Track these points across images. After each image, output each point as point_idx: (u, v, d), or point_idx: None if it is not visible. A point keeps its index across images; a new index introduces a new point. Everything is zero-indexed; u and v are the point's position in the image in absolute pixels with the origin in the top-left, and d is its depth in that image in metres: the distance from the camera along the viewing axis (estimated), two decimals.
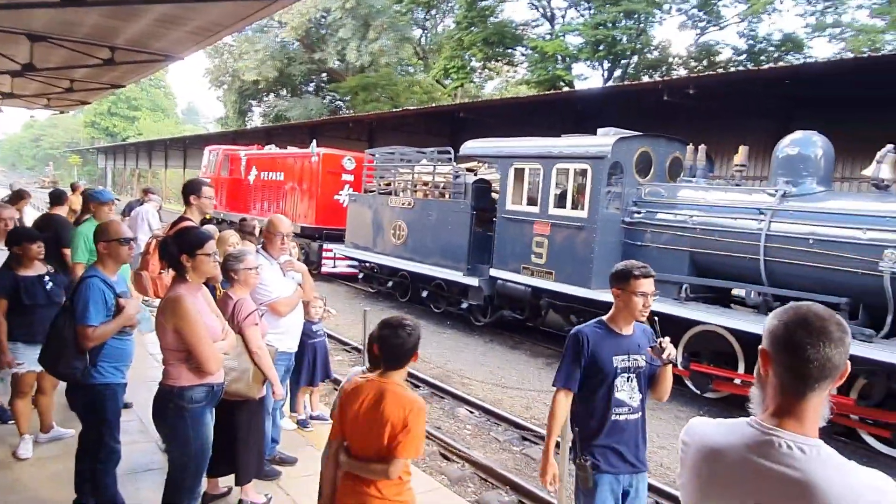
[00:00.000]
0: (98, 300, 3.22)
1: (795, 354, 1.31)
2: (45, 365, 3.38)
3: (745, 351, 7.43)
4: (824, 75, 11.94)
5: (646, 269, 2.92)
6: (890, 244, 6.38)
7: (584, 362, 2.96)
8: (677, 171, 9.43)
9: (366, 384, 2.55)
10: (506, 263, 10.15)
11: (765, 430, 1.34)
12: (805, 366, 1.31)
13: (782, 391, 1.35)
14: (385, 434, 2.45)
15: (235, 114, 45.74)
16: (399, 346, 2.51)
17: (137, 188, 45.30)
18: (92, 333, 3.19)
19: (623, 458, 2.97)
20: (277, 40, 37.36)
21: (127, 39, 6.89)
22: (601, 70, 26.41)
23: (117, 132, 64.73)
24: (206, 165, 22.01)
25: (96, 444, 3.36)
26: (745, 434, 1.37)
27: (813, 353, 1.30)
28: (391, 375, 2.56)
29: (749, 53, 23.88)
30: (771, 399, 1.38)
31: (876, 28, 21.33)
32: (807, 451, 1.29)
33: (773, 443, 1.31)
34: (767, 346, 1.38)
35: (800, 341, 1.31)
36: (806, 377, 1.32)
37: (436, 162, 12.14)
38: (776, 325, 1.37)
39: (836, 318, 1.34)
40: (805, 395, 1.33)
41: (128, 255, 3.44)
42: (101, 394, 3.31)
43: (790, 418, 1.34)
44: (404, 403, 2.48)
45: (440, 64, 29.64)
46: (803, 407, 1.34)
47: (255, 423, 3.76)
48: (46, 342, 3.32)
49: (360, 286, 15.05)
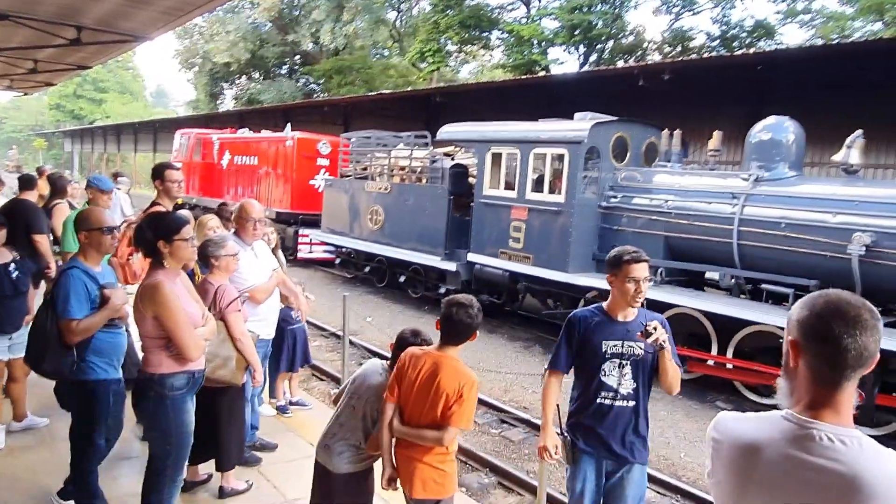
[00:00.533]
0: (79, 292, 3.07)
1: (832, 345, 1.29)
2: (29, 363, 3.24)
3: (718, 332, 7.59)
4: (796, 61, 12.13)
5: (637, 255, 2.89)
6: (858, 227, 6.54)
7: (574, 346, 3.01)
8: (653, 156, 9.53)
9: (424, 356, 2.74)
10: (483, 248, 10.18)
11: (803, 423, 1.32)
12: (842, 355, 1.29)
13: (817, 382, 1.33)
14: (440, 404, 2.64)
15: (207, 97, 44.87)
16: (467, 324, 2.70)
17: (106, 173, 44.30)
18: (76, 327, 3.04)
19: (603, 442, 2.95)
20: (249, 21, 36.65)
21: (94, 19, 6.69)
22: (577, 55, 26.47)
23: (84, 115, 63.05)
24: (178, 149, 21.58)
25: (82, 440, 3.27)
26: (783, 428, 1.34)
27: (850, 343, 1.28)
28: (448, 350, 2.74)
29: (722, 39, 24.14)
30: (804, 391, 1.35)
31: (845, 15, 21.69)
32: (848, 443, 1.27)
33: (814, 436, 1.29)
34: (799, 337, 1.35)
35: (836, 331, 1.28)
36: (842, 367, 1.30)
37: (412, 146, 12.07)
38: (807, 315, 1.34)
39: (867, 304, 1.33)
40: (841, 385, 1.31)
41: (110, 244, 3.30)
42: (93, 391, 3.18)
43: (827, 409, 1.32)
44: (460, 377, 2.67)
45: (416, 47, 29.41)
46: (839, 397, 1.32)
47: (236, 410, 3.74)
48: (29, 339, 3.20)
49: (337, 272, 14.97)
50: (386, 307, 11.78)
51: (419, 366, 2.72)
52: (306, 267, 15.74)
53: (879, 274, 6.48)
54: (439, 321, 2.76)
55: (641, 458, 3.00)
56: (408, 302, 12.17)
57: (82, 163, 59.46)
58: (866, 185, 7.12)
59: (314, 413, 5.47)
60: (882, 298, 7.19)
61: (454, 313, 2.69)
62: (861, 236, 6.44)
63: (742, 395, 7.59)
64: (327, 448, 2.92)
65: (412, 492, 2.78)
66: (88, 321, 3.09)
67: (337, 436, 2.91)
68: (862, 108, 11.56)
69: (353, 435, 2.86)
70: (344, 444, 2.87)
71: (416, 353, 2.79)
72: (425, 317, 11.18)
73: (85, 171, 57.34)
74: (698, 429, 6.66)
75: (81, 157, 59.72)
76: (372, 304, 11.94)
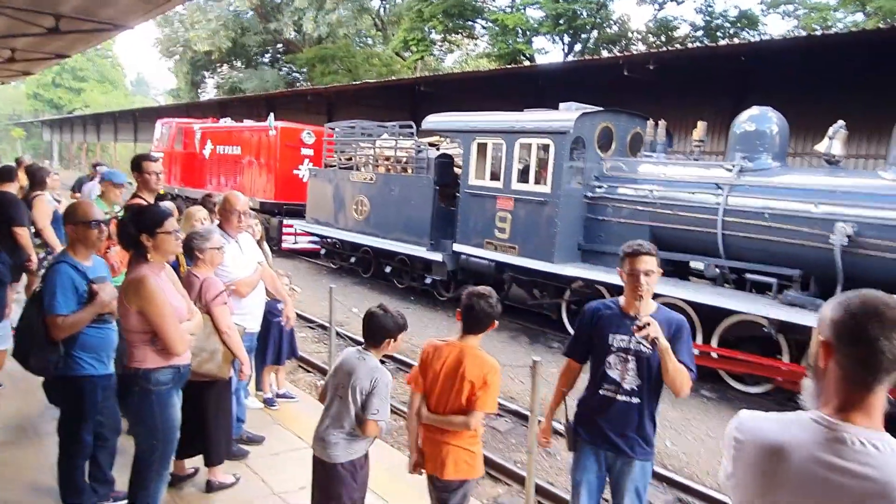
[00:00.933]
0: (66, 287, 3.02)
1: (868, 347, 1.25)
2: (17, 359, 3.18)
3: (703, 322, 7.66)
4: (778, 52, 12.22)
5: (638, 247, 2.87)
6: (840, 217, 6.62)
7: (584, 336, 3.09)
8: (638, 147, 9.56)
9: (447, 346, 2.91)
10: (469, 238, 10.18)
11: (833, 425, 1.28)
12: (877, 358, 1.25)
13: (848, 384, 1.29)
14: (465, 391, 2.81)
15: (188, 85, 44.21)
16: (488, 314, 2.87)
17: (86, 163, 43.63)
18: (62, 323, 2.99)
19: (603, 434, 2.96)
20: (231, 9, 36.09)
21: (72, 7, 6.56)
22: (561, 44, 26.40)
23: (63, 104, 61.96)
24: (159, 139, 21.29)
25: (69, 437, 3.22)
26: (812, 430, 1.30)
27: (887, 346, 1.24)
28: (469, 339, 2.92)
29: (706, 29, 24.19)
30: (834, 393, 1.31)
31: (827, 6, 21.85)
32: (881, 448, 1.24)
33: (845, 440, 1.26)
34: (831, 338, 1.31)
35: (873, 333, 1.24)
36: (878, 370, 1.26)
37: (397, 136, 12.01)
38: (842, 316, 1.30)
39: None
40: (874, 389, 1.28)
41: (97, 238, 3.22)
42: (80, 386, 3.13)
43: (858, 413, 1.28)
44: (484, 364, 2.86)
45: (400, 36, 29.16)
46: (871, 400, 1.28)
47: (223, 404, 3.71)
48: (16, 335, 3.15)
49: (322, 262, 14.89)
50: (372, 298, 11.75)
51: (443, 356, 2.89)
52: (291, 258, 15.65)
53: (861, 263, 6.57)
54: (460, 312, 2.93)
55: (643, 454, 2.97)
56: (394, 292, 12.15)
57: (62, 153, 58.48)
58: (848, 176, 7.19)
59: (301, 405, 5.46)
60: (864, 287, 7.29)
61: (476, 304, 2.87)
62: (843, 226, 6.51)
63: (727, 383, 7.68)
64: (322, 440, 2.92)
65: (444, 473, 2.93)
66: (75, 317, 3.03)
67: (329, 427, 2.91)
68: (844, 99, 11.68)
69: (346, 423, 2.86)
70: (338, 434, 2.88)
71: (438, 344, 2.96)
72: (411, 307, 11.17)
73: (64, 161, 56.44)
74: (683, 417, 6.73)
75: (61, 146, 58.73)
76: (358, 294, 11.90)
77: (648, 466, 3.04)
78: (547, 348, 9.04)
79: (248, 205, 4.42)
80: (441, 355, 2.90)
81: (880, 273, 6.56)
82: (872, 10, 18.48)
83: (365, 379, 2.82)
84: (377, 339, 2.92)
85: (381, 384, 2.80)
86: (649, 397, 2.95)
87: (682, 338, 2.87)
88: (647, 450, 2.99)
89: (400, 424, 6.00)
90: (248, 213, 4.37)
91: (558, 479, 5.23)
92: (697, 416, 6.82)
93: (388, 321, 2.91)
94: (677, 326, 2.88)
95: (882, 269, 6.50)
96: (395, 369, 7.75)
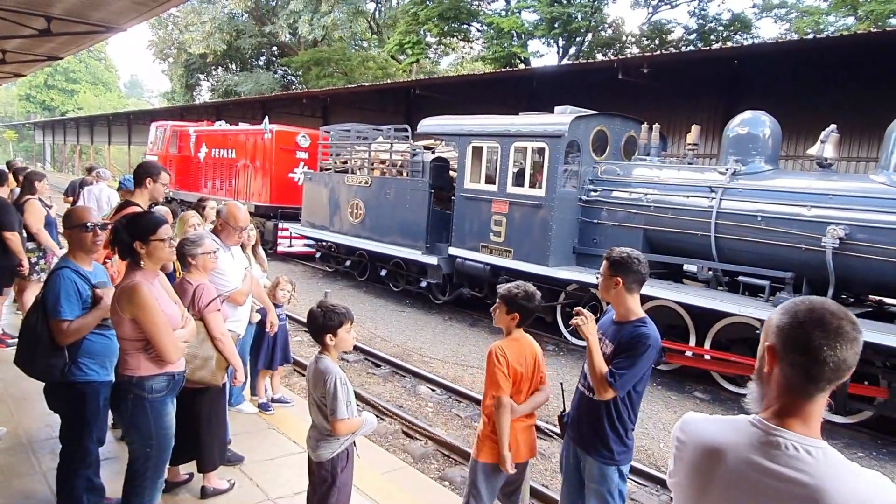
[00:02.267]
0: (70, 292, 3.01)
1: (811, 356, 1.24)
2: (20, 365, 3.15)
3: (696, 324, 7.69)
4: (771, 56, 12.29)
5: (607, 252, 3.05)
6: (832, 220, 6.66)
7: None
8: (632, 150, 9.60)
9: (516, 343, 3.17)
10: (464, 242, 10.19)
11: (769, 429, 1.28)
12: (820, 367, 1.24)
13: (789, 390, 1.29)
14: (537, 373, 3.20)
15: (182, 88, 44.14)
16: (534, 308, 3.19)
17: (80, 165, 43.45)
18: (67, 328, 2.97)
19: (572, 428, 3.15)
20: (225, 11, 36.04)
21: (64, 9, 6.55)
22: (556, 48, 26.49)
23: (55, 106, 61.75)
24: (153, 142, 21.22)
25: (71, 443, 3.20)
26: (748, 433, 1.31)
27: (829, 356, 1.23)
28: (521, 330, 3.23)
29: (699, 33, 24.31)
30: (775, 398, 1.31)
31: (819, 10, 21.99)
32: (814, 454, 1.24)
33: (780, 444, 1.26)
34: (776, 344, 1.30)
35: (816, 342, 1.24)
36: (818, 378, 1.26)
37: (393, 140, 12.02)
38: (788, 322, 1.29)
39: (849, 315, 1.28)
40: (813, 396, 1.28)
41: (93, 242, 3.19)
42: (82, 392, 3.11)
43: (795, 419, 1.28)
44: (533, 346, 3.24)
45: (395, 39, 29.16)
46: (810, 408, 1.28)
47: (216, 410, 3.70)
48: (20, 341, 3.13)
49: (318, 265, 14.88)
50: (367, 301, 11.75)
51: (522, 353, 3.15)
52: (286, 261, 15.63)
53: (853, 266, 6.62)
54: (507, 310, 3.15)
55: (600, 457, 2.97)
56: (389, 296, 12.15)
57: (54, 155, 58.25)
58: (840, 179, 7.24)
59: (296, 410, 5.44)
60: (855, 289, 7.36)
61: (525, 302, 3.13)
62: (835, 229, 6.56)
63: (719, 385, 7.71)
64: (308, 441, 3.01)
65: (530, 454, 3.25)
66: (80, 322, 3.03)
67: (311, 428, 3.01)
68: (836, 102, 11.77)
69: (320, 424, 2.91)
70: (318, 434, 2.95)
71: (505, 344, 3.14)
72: (406, 310, 11.18)
73: (57, 164, 56.20)
74: (677, 419, 6.73)
75: (54, 149, 58.50)
76: (353, 298, 11.90)
77: (609, 472, 2.98)
78: (542, 351, 9.05)
79: (249, 219, 4.41)
80: (521, 352, 3.15)
81: (871, 275, 6.62)
82: (864, 14, 18.59)
83: (319, 382, 2.86)
84: (318, 339, 2.91)
85: (336, 385, 2.80)
86: (614, 400, 2.93)
87: (631, 351, 2.85)
88: (604, 453, 2.96)
89: (396, 428, 6.00)
90: (247, 229, 4.41)
91: (553, 482, 5.23)
92: None
93: (317, 318, 2.88)
94: (633, 341, 2.86)
95: (873, 271, 6.55)
96: (389, 373, 7.75)
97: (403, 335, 9.53)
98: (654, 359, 2.90)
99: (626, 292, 2.92)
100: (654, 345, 2.85)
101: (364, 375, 7.69)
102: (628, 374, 2.84)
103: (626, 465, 3.05)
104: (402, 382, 7.50)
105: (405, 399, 6.97)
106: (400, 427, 6.03)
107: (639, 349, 2.83)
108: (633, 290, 2.93)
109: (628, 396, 2.94)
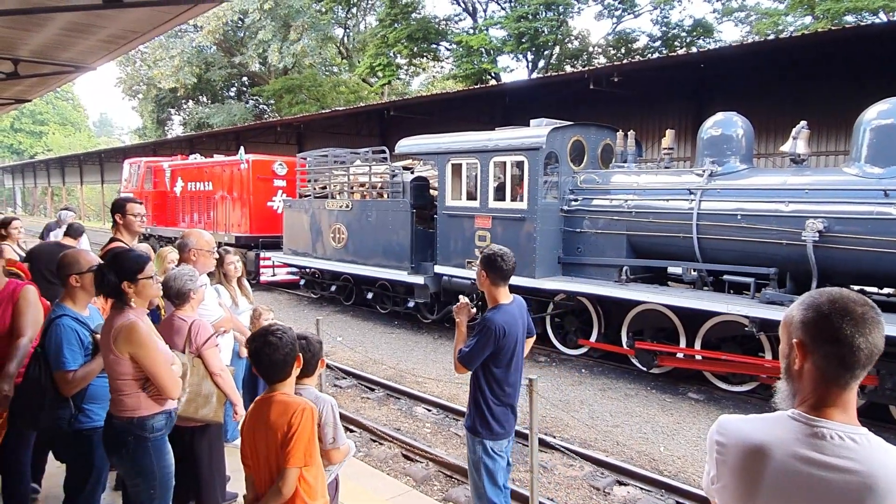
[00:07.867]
0: (72, 340, 2.94)
1: (844, 345, 1.28)
2: (24, 422, 3.06)
3: (685, 326, 7.75)
4: (735, 57, 12.57)
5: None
6: (810, 214, 6.79)
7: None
8: (609, 158, 9.71)
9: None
10: (450, 259, 10.19)
11: (811, 422, 1.31)
12: (855, 355, 1.28)
13: (824, 382, 1.32)
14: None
15: (154, 123, 43.88)
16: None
17: (52, 208, 42.83)
18: (73, 378, 2.91)
19: None
20: (193, 45, 35.96)
21: (30, 51, 6.48)
22: (525, 62, 26.83)
23: (23, 149, 60.89)
24: (128, 179, 21.02)
25: (79, 493, 3.10)
26: (791, 428, 1.32)
27: (862, 342, 1.27)
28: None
29: (663, 40, 24.81)
30: (811, 391, 1.34)
31: (778, 11, 22.58)
32: (858, 441, 1.27)
33: (824, 434, 1.28)
34: (804, 338, 1.33)
35: (847, 331, 1.27)
36: (853, 366, 1.29)
37: (371, 162, 12.02)
38: (813, 316, 1.32)
39: (869, 301, 1.32)
40: (849, 384, 1.31)
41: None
42: (90, 439, 3.03)
43: (834, 408, 1.31)
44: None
45: (366, 62, 29.36)
46: (846, 396, 1.32)
47: (216, 448, 3.63)
48: (20, 397, 3.03)
49: (302, 293, 14.77)
50: (355, 325, 11.67)
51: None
52: (270, 290, 15.49)
53: (834, 257, 6.73)
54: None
55: (466, 426, 3.51)
56: (377, 318, 12.08)
57: (25, 198, 57.37)
58: (814, 174, 7.38)
59: None
60: (837, 281, 7.46)
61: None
62: (814, 223, 6.68)
63: (713, 384, 7.76)
64: None
65: None
66: (85, 370, 2.97)
67: None
68: (802, 99, 12.06)
69: None
70: None
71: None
72: (396, 332, 11.11)
73: (28, 207, 55.32)
74: (675, 422, 6.77)
75: (24, 192, 57.62)
76: (341, 322, 11.81)
77: (472, 442, 3.44)
78: (534, 363, 9.05)
79: (213, 241, 4.38)
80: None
81: (852, 265, 6.73)
82: (821, 13, 19.13)
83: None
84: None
85: (325, 413, 2.75)
86: (474, 375, 3.41)
87: (477, 333, 3.31)
88: (467, 423, 3.47)
89: (395, 452, 5.93)
90: (235, 261, 4.40)
91: (557, 494, 5.20)
92: (687, 419, 6.87)
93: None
94: (479, 324, 3.33)
95: (853, 261, 6.66)
96: (384, 395, 7.68)
97: (395, 357, 9.47)
98: (496, 339, 3.27)
99: (492, 284, 3.39)
100: (494, 328, 3.26)
101: (358, 400, 7.61)
102: (469, 351, 3.30)
103: (491, 442, 3.38)
104: (398, 405, 7.44)
105: (402, 421, 6.91)
106: (399, 450, 5.96)
107: (481, 331, 3.28)
108: (497, 283, 3.38)
109: (485, 373, 3.35)
